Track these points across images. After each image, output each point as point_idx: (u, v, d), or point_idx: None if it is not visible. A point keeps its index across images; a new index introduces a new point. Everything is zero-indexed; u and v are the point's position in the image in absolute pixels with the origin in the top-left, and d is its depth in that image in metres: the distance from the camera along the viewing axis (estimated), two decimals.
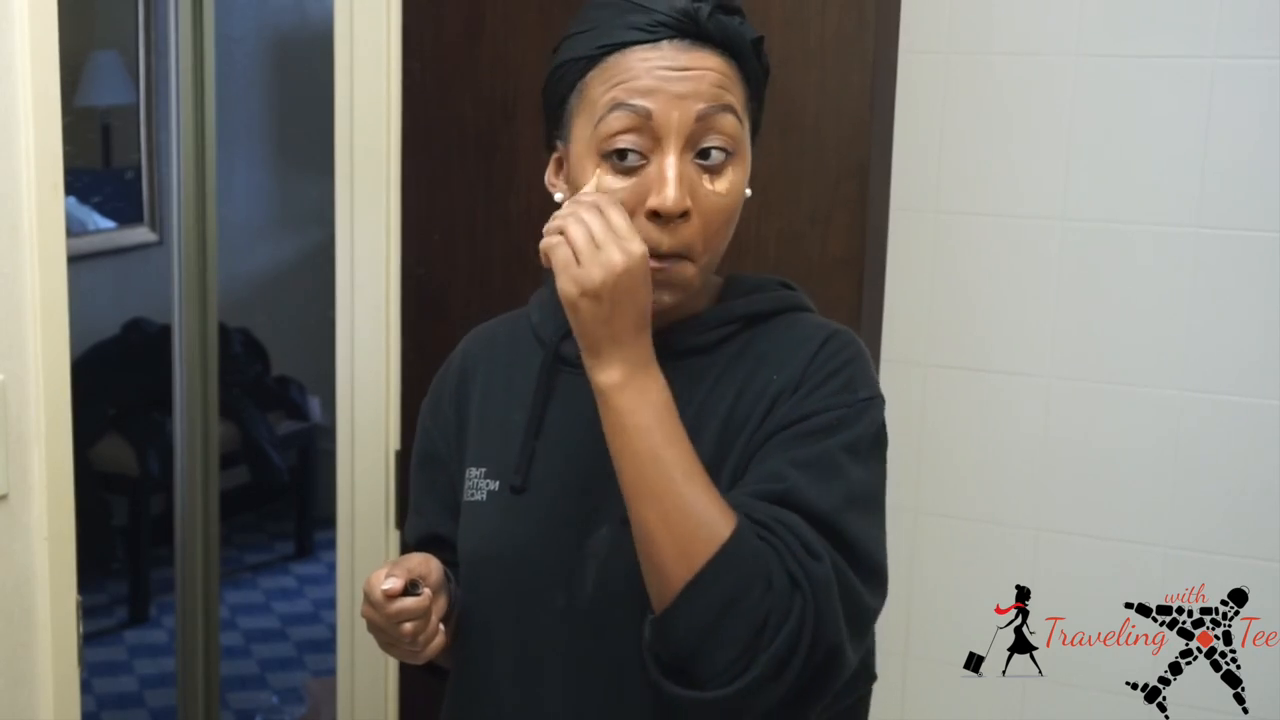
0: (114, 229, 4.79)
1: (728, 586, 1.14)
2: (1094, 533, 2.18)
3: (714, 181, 1.25)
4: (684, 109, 1.21)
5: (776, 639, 1.13)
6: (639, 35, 1.23)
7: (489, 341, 1.46)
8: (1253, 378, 2.08)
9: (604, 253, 1.16)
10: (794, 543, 1.16)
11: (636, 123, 1.22)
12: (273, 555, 5.07)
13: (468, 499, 1.37)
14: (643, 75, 1.22)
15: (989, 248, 2.19)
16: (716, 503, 1.17)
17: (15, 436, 1.44)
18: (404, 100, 2.21)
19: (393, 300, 2.24)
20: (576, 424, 1.30)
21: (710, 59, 1.23)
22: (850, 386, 1.26)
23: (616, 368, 1.18)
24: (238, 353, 4.79)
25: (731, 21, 1.25)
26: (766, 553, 1.15)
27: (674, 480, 1.16)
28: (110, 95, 4.70)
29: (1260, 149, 2.04)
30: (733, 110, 1.24)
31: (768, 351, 1.30)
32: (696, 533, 1.15)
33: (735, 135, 1.24)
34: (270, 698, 3.99)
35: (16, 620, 1.47)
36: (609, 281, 1.16)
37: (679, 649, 1.15)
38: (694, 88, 1.22)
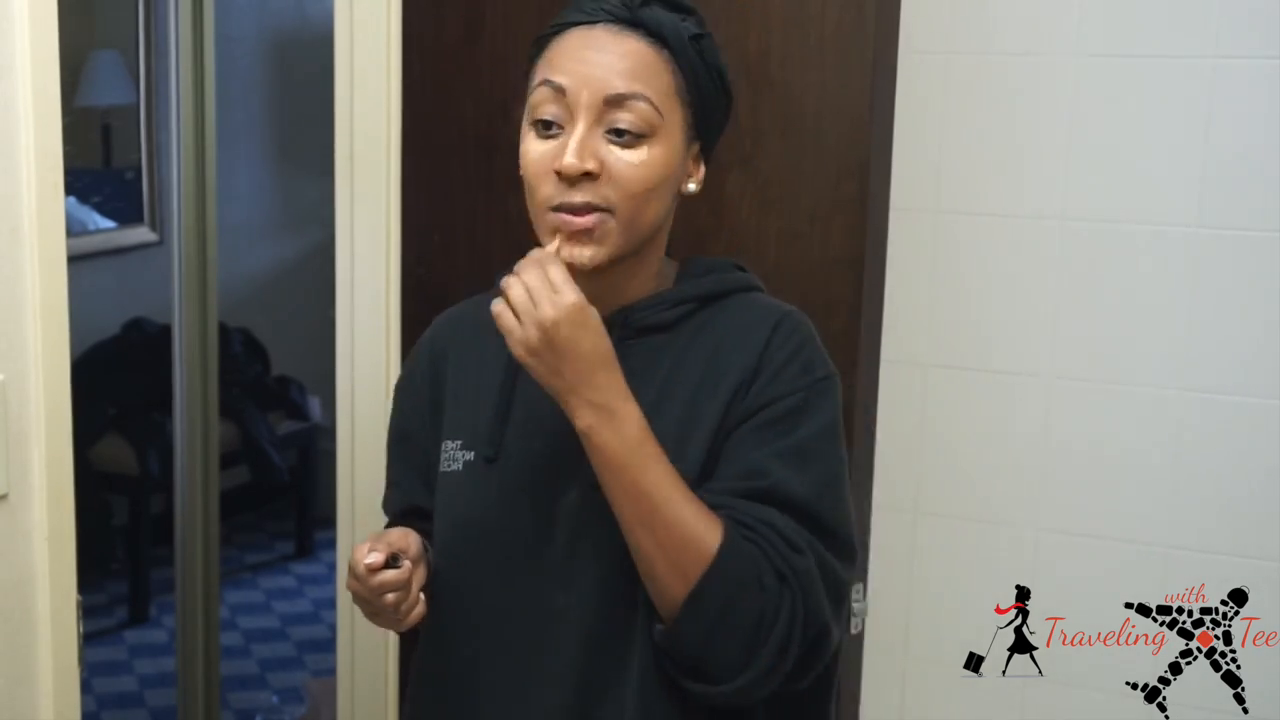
0: (114, 229, 4.79)
1: (723, 595, 1.24)
2: (1094, 533, 2.18)
3: (626, 152, 1.31)
4: (593, 88, 1.30)
5: (773, 632, 1.24)
6: (579, 16, 1.33)
7: (459, 323, 1.52)
8: (1253, 378, 2.08)
9: (538, 310, 1.24)
10: (778, 541, 1.26)
11: (553, 96, 1.32)
12: (273, 555, 5.07)
13: (444, 469, 1.43)
14: (568, 55, 1.32)
15: (989, 248, 2.19)
16: (702, 517, 1.26)
17: (15, 436, 1.44)
18: (404, 100, 2.21)
19: (393, 300, 2.24)
20: (545, 396, 1.34)
21: (636, 45, 1.31)
22: (809, 369, 1.34)
23: (584, 412, 1.26)
24: (238, 353, 4.79)
25: (669, 16, 1.32)
26: (755, 555, 1.25)
27: (658, 506, 1.25)
28: (110, 95, 4.70)
29: (1260, 149, 2.04)
30: (645, 99, 1.30)
31: (725, 331, 1.36)
32: (687, 550, 1.24)
33: (648, 120, 1.30)
34: (270, 698, 3.99)
35: (16, 620, 1.47)
36: (545, 336, 1.23)
37: (688, 654, 1.26)
38: (605, 72, 1.30)
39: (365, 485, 2.28)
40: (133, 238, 4.83)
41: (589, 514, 1.32)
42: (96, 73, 4.63)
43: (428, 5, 2.20)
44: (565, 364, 1.25)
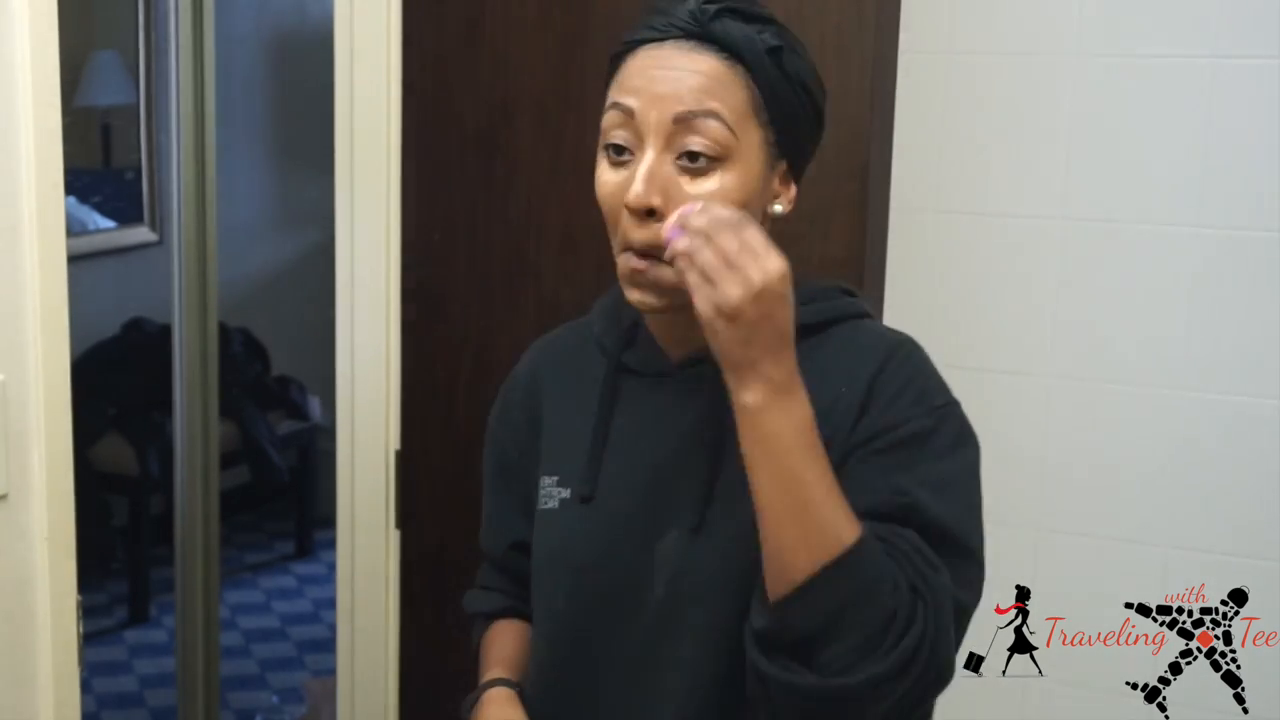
0: (114, 229, 4.79)
1: (858, 580, 1.14)
2: (1094, 533, 2.18)
3: (695, 184, 1.22)
4: (661, 109, 1.21)
5: (904, 638, 1.14)
6: (650, 34, 1.24)
7: (554, 351, 1.47)
8: (1253, 378, 2.08)
9: (740, 272, 1.13)
10: (915, 555, 1.18)
11: (623, 120, 1.24)
12: (273, 555, 5.07)
13: (541, 506, 1.38)
14: (636, 74, 1.24)
15: (989, 248, 2.19)
16: (848, 516, 1.17)
17: (15, 436, 1.44)
18: (404, 100, 2.21)
19: (393, 300, 2.24)
20: (642, 431, 1.31)
21: (708, 61, 1.22)
22: (925, 397, 1.26)
23: (756, 389, 1.16)
24: (238, 353, 4.79)
25: (744, 28, 1.23)
26: (890, 562, 1.16)
27: (810, 499, 1.15)
28: (110, 95, 4.70)
29: (1260, 149, 2.04)
30: (718, 116, 1.21)
31: (830, 364, 1.28)
32: (825, 537, 1.15)
33: (721, 141, 1.21)
34: (270, 698, 3.99)
35: (16, 620, 1.47)
36: (746, 301, 1.13)
37: (802, 630, 1.15)
38: (674, 89, 1.21)
39: (365, 485, 2.28)
40: (133, 238, 4.83)
41: (689, 556, 1.27)
42: (96, 73, 4.63)
43: (428, 5, 2.20)
44: (758, 334, 1.14)
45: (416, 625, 2.30)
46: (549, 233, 2.16)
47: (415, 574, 2.29)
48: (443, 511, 2.26)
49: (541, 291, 2.17)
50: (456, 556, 2.26)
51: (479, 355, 2.23)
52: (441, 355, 2.26)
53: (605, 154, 1.26)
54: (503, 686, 1.39)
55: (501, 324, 2.20)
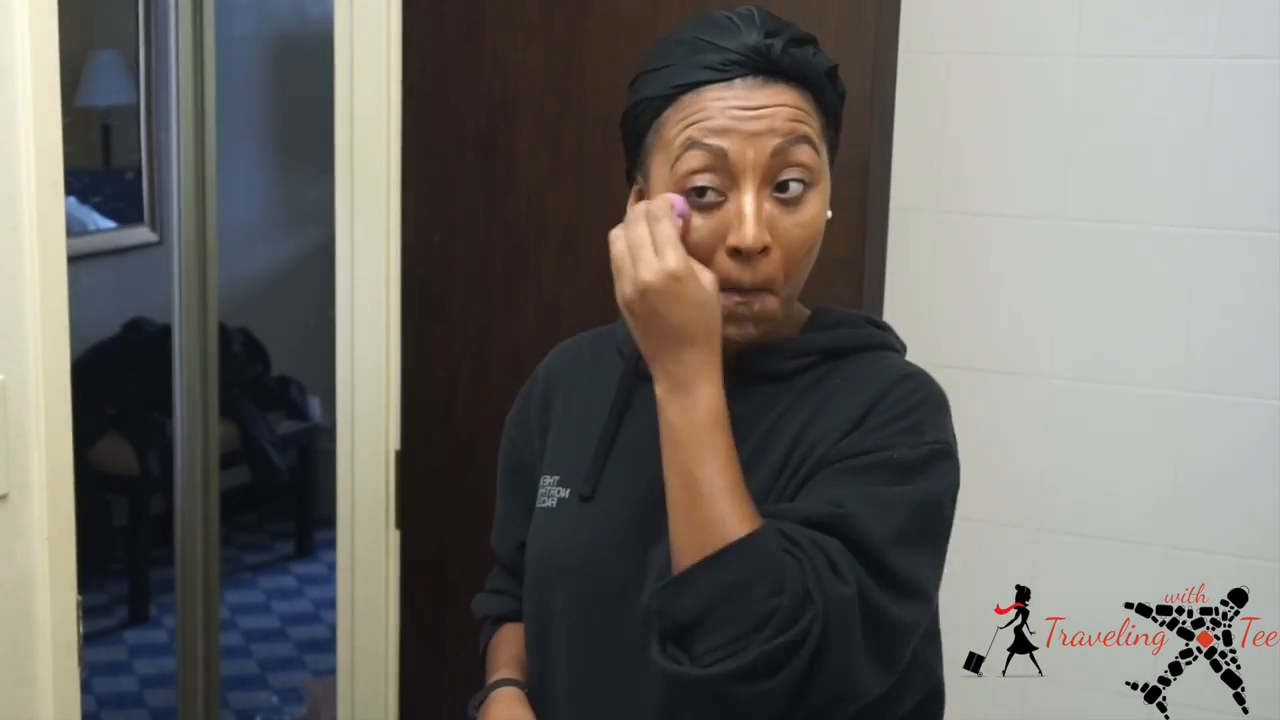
0: (114, 229, 4.79)
1: (734, 575, 1.14)
2: (1094, 533, 2.18)
3: (793, 213, 1.24)
4: (759, 146, 1.22)
5: (775, 640, 1.13)
6: (712, 74, 1.23)
7: (575, 354, 1.47)
8: (1253, 378, 2.08)
9: (635, 268, 1.19)
10: (821, 562, 1.16)
11: (712, 162, 1.22)
12: (273, 555, 5.07)
13: (539, 505, 1.39)
14: (716, 115, 1.22)
15: (989, 248, 2.19)
16: (740, 515, 1.17)
17: (15, 436, 1.44)
18: (404, 100, 2.21)
19: (393, 300, 2.24)
20: (649, 437, 1.30)
21: (784, 93, 1.23)
22: (916, 428, 1.24)
23: (660, 381, 1.21)
24: (238, 353, 4.79)
25: (805, 53, 1.24)
26: (786, 563, 1.15)
27: (700, 495, 1.17)
28: (110, 95, 4.70)
29: (1260, 149, 2.04)
30: (808, 140, 1.23)
31: (841, 386, 1.29)
32: (711, 534, 1.16)
33: (812, 165, 1.24)
34: (270, 698, 3.99)
35: (16, 620, 1.47)
36: (635, 296, 1.19)
37: (678, 616, 1.16)
38: (768, 125, 1.22)
39: (365, 485, 2.28)
40: (133, 238, 4.83)
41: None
42: (96, 73, 4.62)
43: (428, 5, 2.20)
44: (651, 328, 1.20)
45: (416, 625, 2.30)
46: (549, 233, 2.16)
47: (415, 574, 2.29)
48: (443, 511, 2.26)
49: (541, 291, 2.17)
50: (456, 556, 2.26)
51: (479, 355, 2.23)
52: (441, 355, 2.26)
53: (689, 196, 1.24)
54: (511, 686, 1.39)
55: (501, 324, 2.20)
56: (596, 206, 2.10)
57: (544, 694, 1.38)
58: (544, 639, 1.38)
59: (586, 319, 1.49)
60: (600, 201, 2.09)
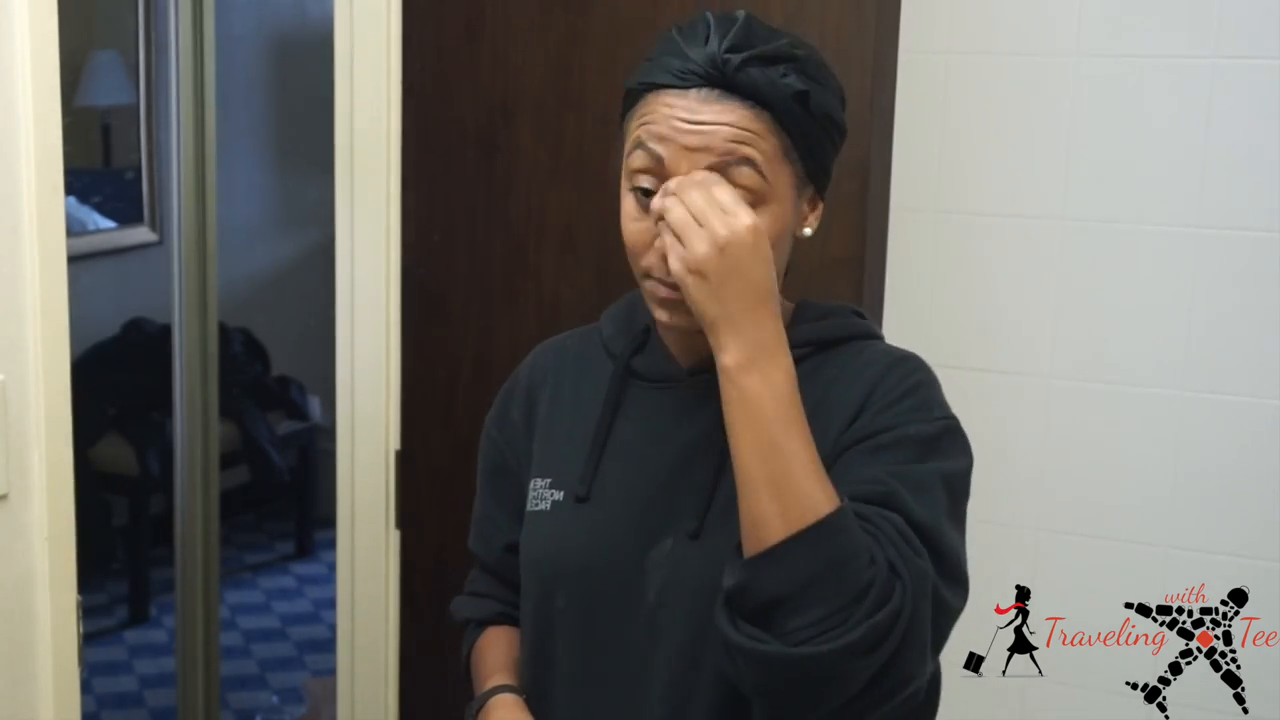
0: (114, 229, 4.79)
1: (832, 549, 1.12)
2: (1094, 533, 2.18)
3: None
4: (692, 161, 1.21)
5: (879, 611, 1.11)
6: (670, 79, 1.23)
7: (558, 354, 1.46)
8: (1253, 378, 2.08)
9: (707, 227, 1.15)
10: (897, 537, 1.15)
11: (651, 165, 1.23)
12: (273, 555, 5.07)
13: (531, 509, 1.38)
14: (661, 121, 1.23)
15: (989, 248, 2.19)
16: (828, 489, 1.15)
17: (15, 436, 1.44)
18: (404, 100, 2.21)
19: (393, 300, 2.24)
20: (643, 437, 1.31)
21: (733, 112, 1.21)
22: (925, 405, 1.26)
23: (734, 348, 1.16)
24: (238, 353, 4.79)
25: (766, 73, 1.21)
26: (869, 539, 1.14)
27: (788, 470, 1.14)
28: (110, 95, 4.70)
29: (1260, 149, 2.04)
30: (750, 163, 1.21)
31: (836, 376, 1.29)
32: (804, 508, 1.13)
33: (753, 188, 1.22)
34: (270, 698, 3.99)
35: (16, 620, 1.47)
36: (714, 253, 1.15)
37: (772, 592, 1.12)
38: (705, 142, 1.21)
39: (365, 485, 2.28)
40: (133, 238, 4.83)
41: (683, 564, 1.26)
42: (96, 73, 4.63)
43: (428, 5, 2.20)
44: (729, 289, 1.15)
45: (416, 625, 2.30)
46: (549, 233, 2.16)
47: (415, 574, 2.29)
48: (443, 511, 2.26)
49: (541, 291, 2.17)
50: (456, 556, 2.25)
51: (479, 355, 2.23)
52: (441, 355, 2.26)
53: (632, 194, 1.25)
54: (508, 693, 1.39)
55: (501, 324, 2.20)
56: (596, 206, 2.10)
57: (544, 697, 1.37)
58: (544, 642, 1.37)
59: (586, 319, 1.49)
60: (600, 201, 2.09)
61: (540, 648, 1.37)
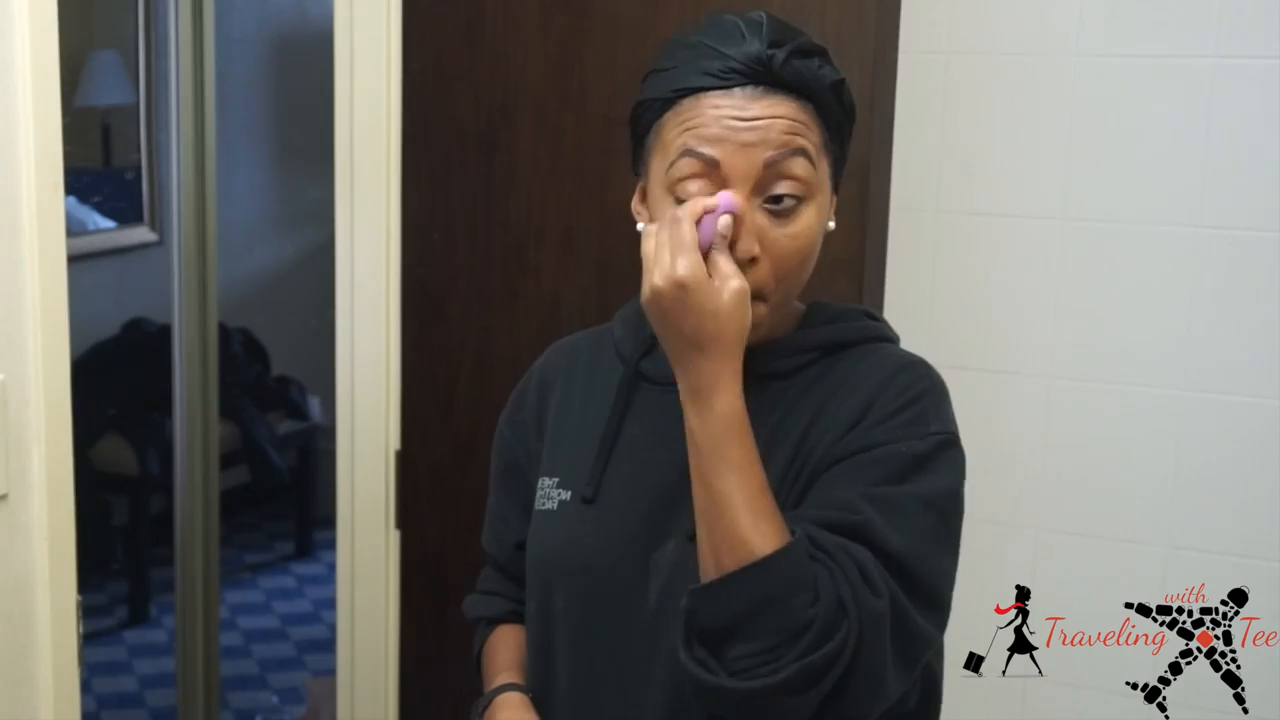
0: (114, 229, 4.79)
1: (767, 588, 1.14)
2: (1094, 533, 2.18)
3: (784, 225, 1.24)
4: (750, 158, 1.22)
5: (814, 652, 1.12)
6: (712, 81, 1.23)
7: (570, 354, 1.46)
8: (1253, 378, 2.08)
9: (652, 270, 1.19)
10: (854, 573, 1.15)
11: (704, 170, 1.23)
12: (273, 555, 5.07)
13: (539, 507, 1.39)
14: (711, 123, 1.22)
15: (989, 248, 2.19)
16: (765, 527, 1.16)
17: (15, 436, 1.44)
18: (404, 100, 2.21)
19: (393, 300, 2.24)
20: (651, 439, 1.31)
21: (783, 105, 1.23)
22: (921, 419, 1.25)
23: (681, 382, 1.21)
24: (238, 353, 4.79)
25: (808, 65, 1.23)
26: (819, 573, 1.15)
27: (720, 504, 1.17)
28: (110, 95, 4.70)
29: (1260, 149, 2.04)
30: (804, 154, 1.23)
31: (843, 379, 1.29)
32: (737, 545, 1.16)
33: (806, 179, 1.24)
34: (270, 698, 3.99)
35: (16, 620, 1.47)
36: (649, 299, 1.19)
37: (709, 623, 1.15)
38: (762, 136, 1.22)
39: (365, 485, 2.28)
40: (133, 238, 4.83)
41: (685, 567, 1.25)
42: (96, 73, 4.63)
43: (428, 5, 2.20)
44: (666, 332, 1.20)
45: (416, 625, 2.30)
46: (549, 233, 2.16)
47: (415, 574, 2.29)
48: (443, 511, 2.26)
49: (541, 291, 2.17)
50: (456, 556, 2.26)
51: (479, 355, 2.23)
52: (441, 355, 2.26)
53: (675, 203, 1.24)
54: (515, 691, 1.39)
55: (501, 324, 2.20)
56: (596, 206, 2.10)
57: (548, 695, 1.37)
58: (547, 640, 1.37)
59: (587, 319, 1.49)
60: (600, 201, 2.10)
61: (544, 646, 1.38)
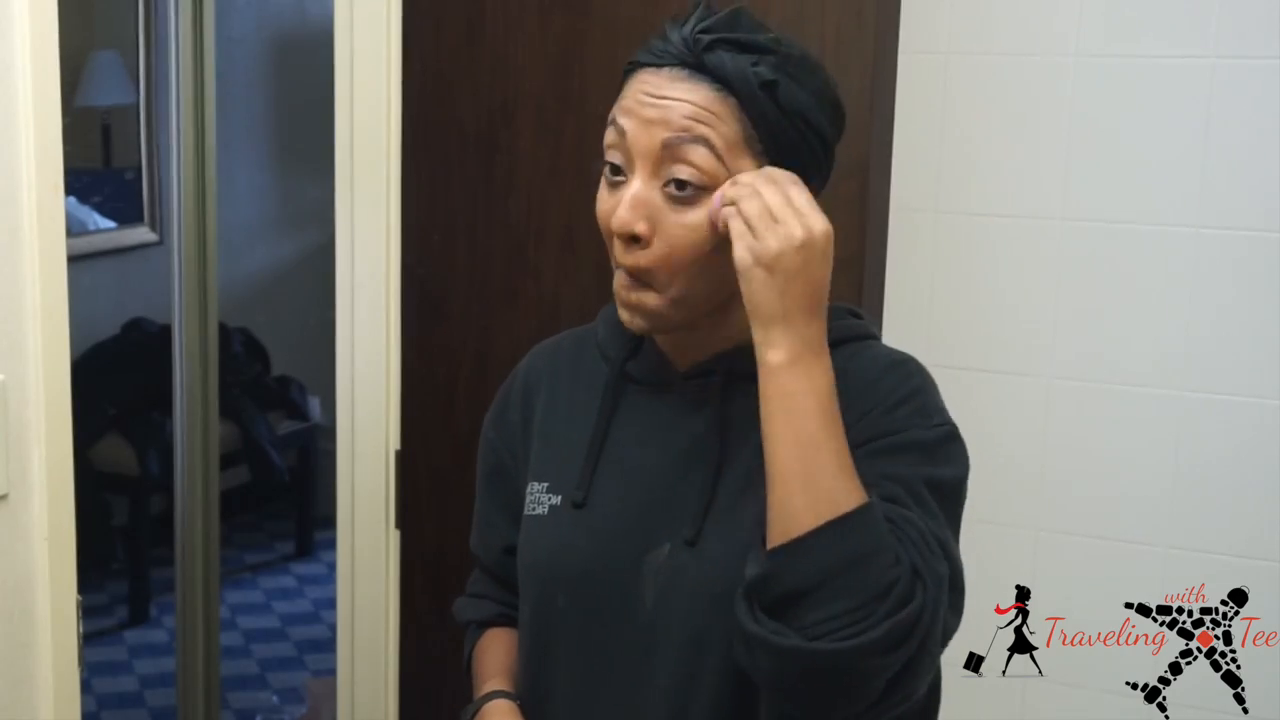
0: (114, 229, 4.80)
1: (858, 543, 1.12)
2: (1094, 533, 2.18)
3: (680, 213, 1.23)
4: (650, 135, 1.22)
5: (901, 610, 1.11)
6: (649, 58, 1.25)
7: (553, 356, 1.45)
8: (1253, 378, 2.08)
9: (784, 225, 1.17)
10: (919, 539, 1.15)
11: (616, 140, 1.25)
12: (273, 555, 5.07)
13: (529, 513, 1.38)
14: (630, 96, 1.25)
15: (989, 248, 2.19)
16: (859, 491, 1.15)
17: (15, 436, 1.44)
18: (404, 100, 2.21)
19: (393, 300, 2.24)
20: (639, 442, 1.31)
21: (699, 92, 1.22)
22: (924, 411, 1.26)
23: (784, 345, 1.17)
24: (238, 353, 4.79)
25: (738, 60, 1.22)
26: (893, 539, 1.14)
27: (824, 465, 1.15)
28: (110, 95, 4.70)
29: (1260, 149, 2.04)
30: (705, 143, 1.21)
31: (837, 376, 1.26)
32: (835, 501, 1.14)
33: (708, 170, 1.22)
34: (270, 698, 3.99)
35: (16, 620, 1.47)
36: (790, 250, 1.16)
37: (794, 583, 1.12)
38: (662, 115, 1.22)
39: (365, 485, 2.28)
40: (133, 238, 4.83)
41: (680, 570, 1.25)
42: (96, 73, 4.63)
43: (428, 5, 2.20)
44: (794, 288, 1.16)
45: (416, 625, 2.30)
46: (549, 233, 2.16)
47: (415, 574, 2.29)
48: (443, 511, 2.26)
49: (541, 291, 2.17)
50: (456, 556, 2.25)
51: (479, 355, 2.23)
52: (441, 355, 2.26)
53: (604, 173, 1.27)
54: (503, 699, 1.38)
55: (501, 324, 2.20)
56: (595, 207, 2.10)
57: (545, 699, 1.37)
58: (544, 645, 1.36)
59: (587, 319, 1.48)
60: None
61: (540, 651, 1.37)
